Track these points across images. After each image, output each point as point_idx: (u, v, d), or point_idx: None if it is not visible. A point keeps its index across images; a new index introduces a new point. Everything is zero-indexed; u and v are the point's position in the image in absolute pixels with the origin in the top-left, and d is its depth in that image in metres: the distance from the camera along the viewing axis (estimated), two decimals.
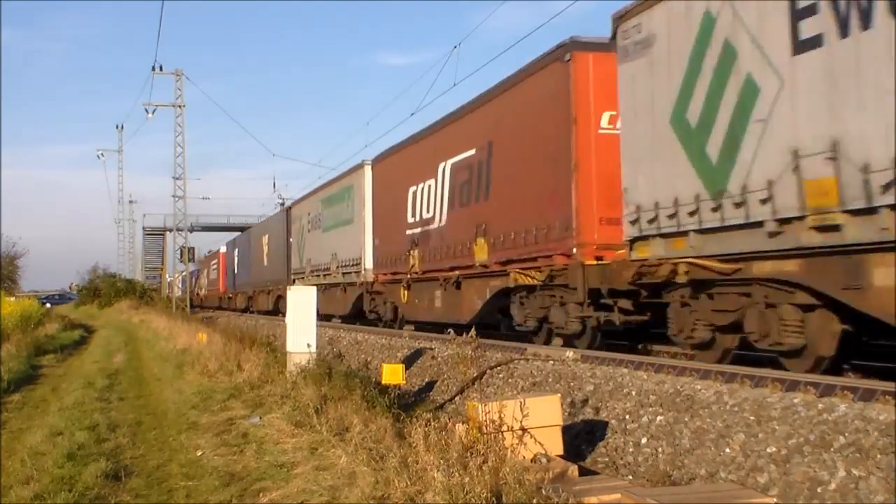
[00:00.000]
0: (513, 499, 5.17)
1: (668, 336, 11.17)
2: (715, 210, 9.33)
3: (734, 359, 10.36)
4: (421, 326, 20.84)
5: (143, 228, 69.75)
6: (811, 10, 8.03)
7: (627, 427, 8.29)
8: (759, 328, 9.31)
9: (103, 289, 66.59)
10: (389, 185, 22.38)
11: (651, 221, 10.42)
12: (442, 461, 5.59)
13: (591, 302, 12.47)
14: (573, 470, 6.69)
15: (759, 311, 9.29)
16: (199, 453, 8.36)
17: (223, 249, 52.61)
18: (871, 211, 7.42)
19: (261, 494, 6.55)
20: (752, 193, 8.76)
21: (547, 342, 14.01)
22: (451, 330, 12.03)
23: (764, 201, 8.58)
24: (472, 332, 9.83)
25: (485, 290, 16.28)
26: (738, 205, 8.95)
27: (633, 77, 10.92)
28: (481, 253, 16.11)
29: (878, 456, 5.87)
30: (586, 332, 12.99)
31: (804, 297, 8.71)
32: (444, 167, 18.19)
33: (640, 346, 13.58)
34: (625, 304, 11.97)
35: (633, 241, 10.94)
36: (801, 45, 8.16)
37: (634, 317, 12.10)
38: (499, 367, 11.63)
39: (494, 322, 17.36)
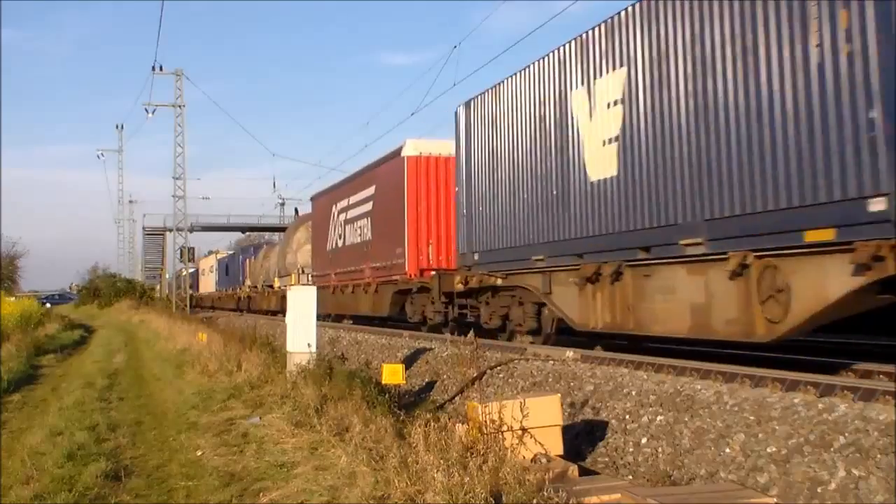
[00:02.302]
0: (513, 499, 5.17)
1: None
2: None
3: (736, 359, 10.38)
4: None
5: (143, 228, 69.53)
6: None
7: (627, 427, 8.29)
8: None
9: (103, 289, 66.61)
10: None
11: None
12: (442, 461, 5.59)
13: None
14: (573, 470, 6.69)
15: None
16: (199, 453, 8.36)
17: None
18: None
19: (261, 494, 6.55)
20: None
21: None
22: (447, 331, 11.96)
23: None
24: (471, 333, 9.86)
25: None
26: None
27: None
28: None
29: (878, 456, 5.87)
30: None
31: None
32: None
33: None
34: None
35: None
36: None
37: None
38: (499, 367, 11.63)
39: None
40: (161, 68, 43.03)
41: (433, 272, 18.49)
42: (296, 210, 67.45)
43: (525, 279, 14.32)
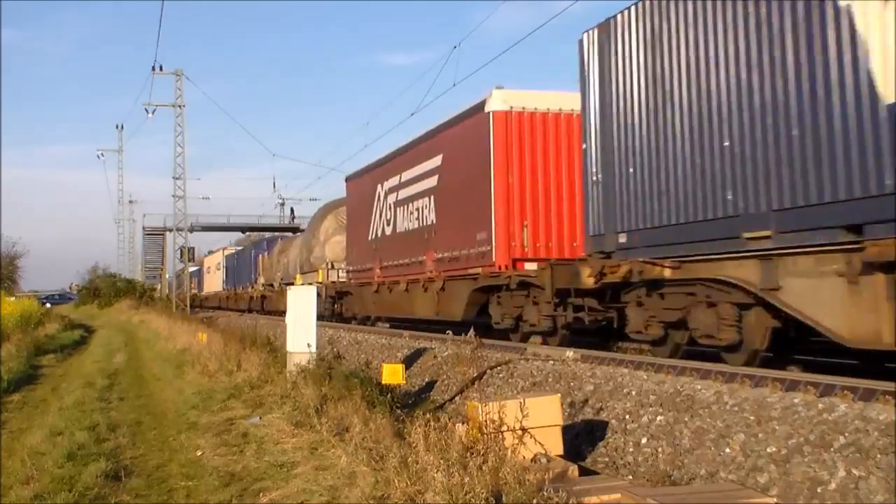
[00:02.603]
0: (513, 499, 5.17)
1: None
2: None
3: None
4: None
5: (143, 228, 69.63)
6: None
7: (627, 427, 8.29)
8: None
9: (103, 289, 66.63)
10: None
11: None
12: (442, 461, 5.59)
13: None
14: (573, 470, 6.69)
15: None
16: (199, 453, 8.36)
17: None
18: None
19: (261, 494, 6.55)
20: None
21: None
22: (449, 331, 11.93)
23: None
24: (472, 331, 9.83)
25: None
26: None
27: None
28: None
29: (878, 456, 5.87)
30: None
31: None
32: None
33: None
34: None
35: None
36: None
37: None
38: (499, 367, 11.63)
39: None
40: (161, 68, 43.04)
41: (534, 263, 14.43)
42: (292, 210, 67.31)
43: (721, 268, 9.87)
